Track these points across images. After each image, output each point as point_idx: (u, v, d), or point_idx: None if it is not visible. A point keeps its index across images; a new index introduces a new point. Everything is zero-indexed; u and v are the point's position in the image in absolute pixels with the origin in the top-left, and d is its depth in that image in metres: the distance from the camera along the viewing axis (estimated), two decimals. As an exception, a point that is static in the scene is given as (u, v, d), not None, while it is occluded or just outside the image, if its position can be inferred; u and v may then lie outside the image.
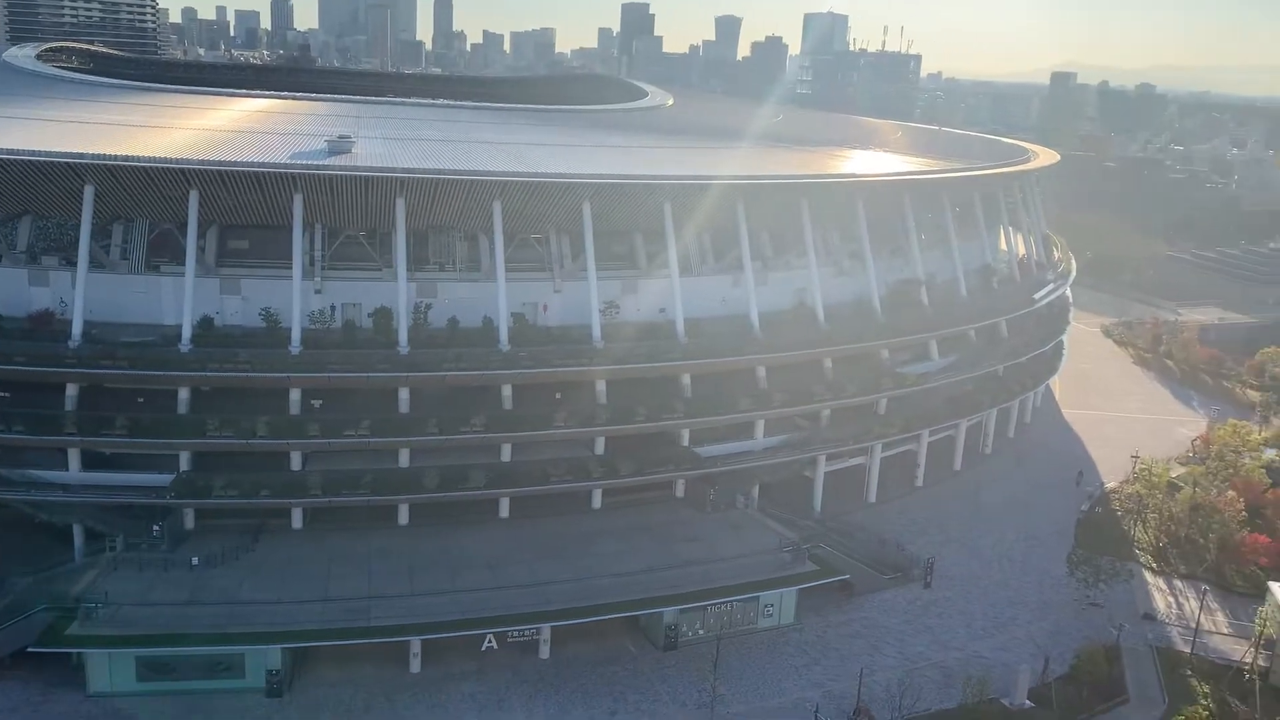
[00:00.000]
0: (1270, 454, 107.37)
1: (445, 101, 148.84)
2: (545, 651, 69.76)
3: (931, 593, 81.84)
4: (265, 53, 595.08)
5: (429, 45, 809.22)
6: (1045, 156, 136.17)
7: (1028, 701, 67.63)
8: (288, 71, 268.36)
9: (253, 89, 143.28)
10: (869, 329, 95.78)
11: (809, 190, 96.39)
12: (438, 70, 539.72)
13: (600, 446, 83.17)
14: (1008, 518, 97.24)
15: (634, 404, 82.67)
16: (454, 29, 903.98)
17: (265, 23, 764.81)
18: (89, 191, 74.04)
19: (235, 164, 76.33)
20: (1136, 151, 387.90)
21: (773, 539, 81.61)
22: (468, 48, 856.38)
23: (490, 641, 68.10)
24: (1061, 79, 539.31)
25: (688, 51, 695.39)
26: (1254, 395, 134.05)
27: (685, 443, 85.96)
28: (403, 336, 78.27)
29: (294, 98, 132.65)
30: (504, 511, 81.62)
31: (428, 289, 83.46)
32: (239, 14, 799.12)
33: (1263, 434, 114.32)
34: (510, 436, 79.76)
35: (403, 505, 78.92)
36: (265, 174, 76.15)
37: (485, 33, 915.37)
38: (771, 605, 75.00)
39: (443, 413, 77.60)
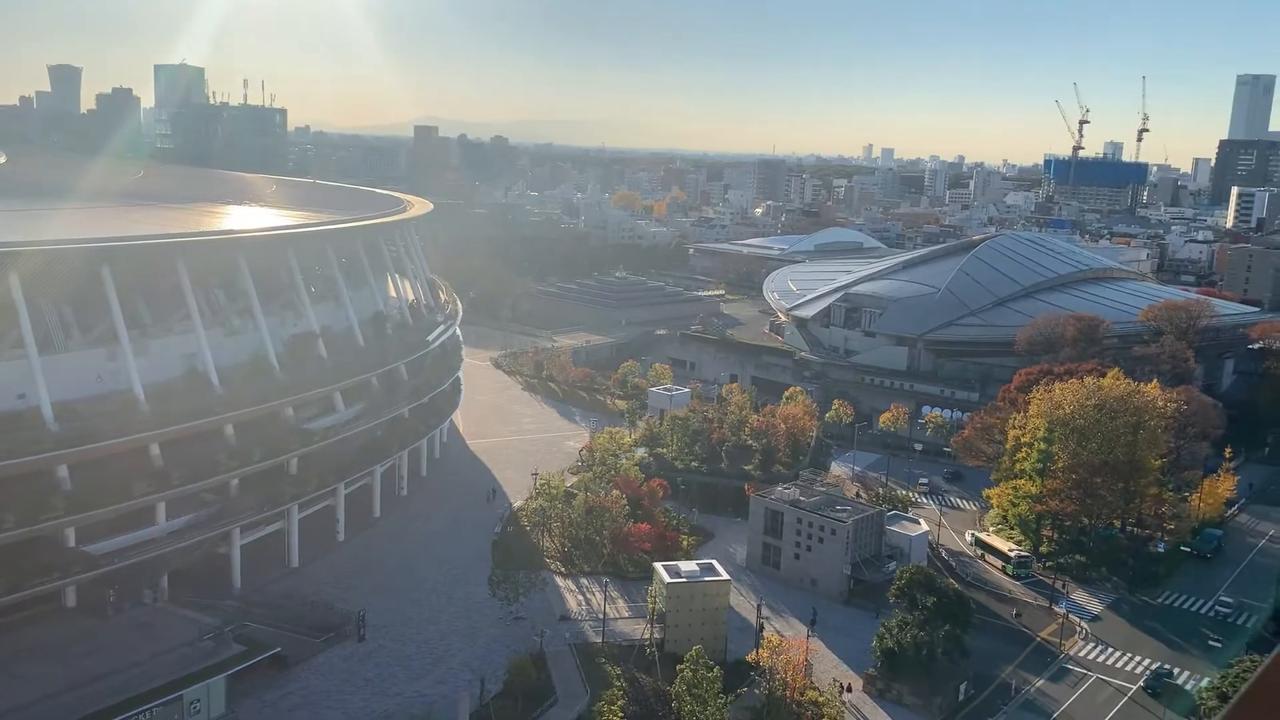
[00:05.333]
0: (640, 452, 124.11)
1: None
2: (-91, 833, 56.51)
3: (367, 645, 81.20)
4: None
5: None
6: (419, 206, 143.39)
7: (471, 726, 70.16)
8: None
9: None
10: (269, 388, 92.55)
11: (184, 250, 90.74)
12: None
13: (-42, 567, 69.66)
14: (430, 553, 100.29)
15: (-2, 509, 70.57)
16: None
17: None
18: None
19: None
20: (499, 197, 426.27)
21: (191, 629, 74.92)
22: None
23: None
24: (425, 132, 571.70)
25: (19, 103, 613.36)
26: (621, 404, 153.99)
27: (71, 543, 75.33)
28: None
29: None
30: None
31: None
32: None
33: (632, 436, 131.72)
34: None
35: None
36: None
37: None
38: (198, 700, 68.64)
39: None
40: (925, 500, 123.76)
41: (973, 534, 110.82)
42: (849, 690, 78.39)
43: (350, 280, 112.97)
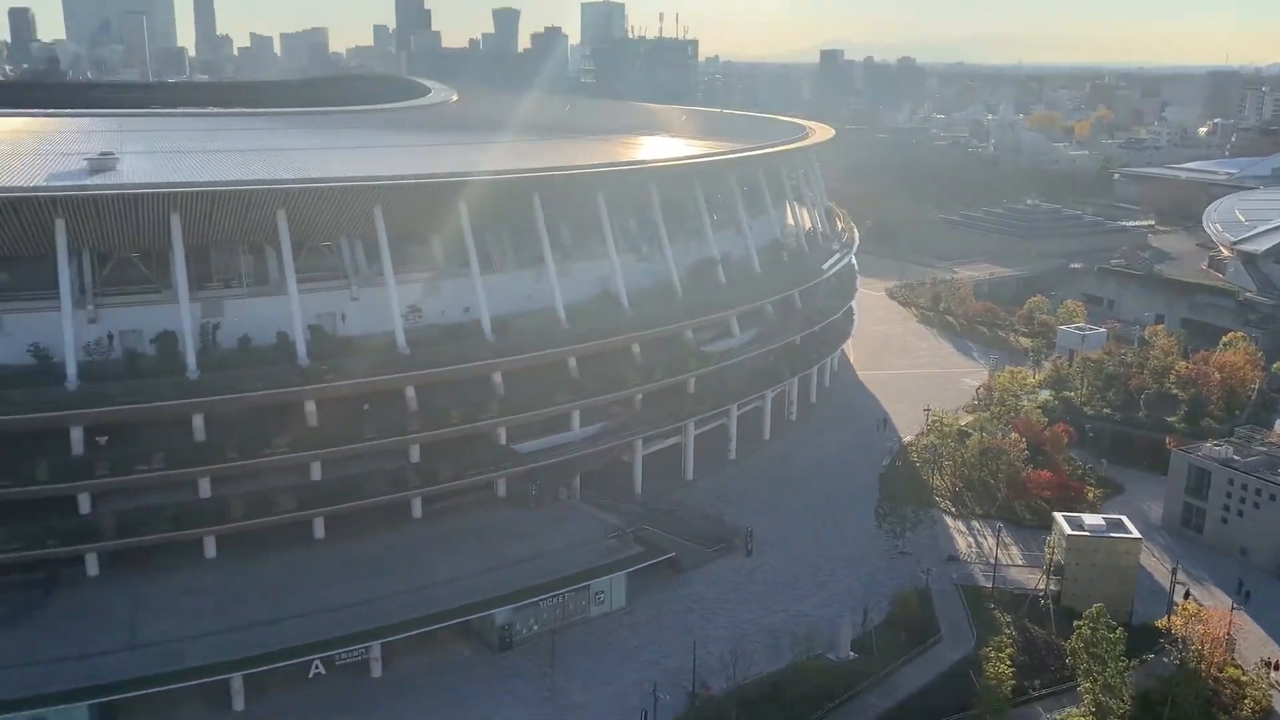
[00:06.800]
0: (1045, 394, 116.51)
1: (216, 110, 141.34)
2: (378, 670, 67.76)
3: (754, 560, 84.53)
4: (7, 68, 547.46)
5: (192, 51, 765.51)
6: (821, 132, 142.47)
7: (851, 653, 70.96)
8: (32, 87, 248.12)
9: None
10: (672, 311, 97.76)
11: (604, 180, 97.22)
12: (205, 77, 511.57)
13: (415, 454, 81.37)
14: (818, 479, 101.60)
15: (447, 407, 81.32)
16: (218, 33, 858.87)
17: (3, 34, 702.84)
18: None
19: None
20: (903, 122, 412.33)
21: (598, 527, 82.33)
22: (235, 52, 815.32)
23: (318, 667, 65.55)
24: (830, 56, 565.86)
25: (468, 46, 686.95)
26: (1025, 342, 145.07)
27: (503, 441, 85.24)
28: (190, 360, 74.00)
29: (44, 115, 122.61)
30: (319, 532, 78.55)
31: (213, 308, 79.09)
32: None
33: (1036, 377, 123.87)
34: (318, 454, 76.71)
35: (208, 538, 74.60)
36: (20, 199, 70.09)
37: (253, 35, 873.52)
38: (603, 592, 75.62)
39: (242, 436, 73.91)
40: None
41: None
42: (1277, 669, 69.60)
43: (750, 208, 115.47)
